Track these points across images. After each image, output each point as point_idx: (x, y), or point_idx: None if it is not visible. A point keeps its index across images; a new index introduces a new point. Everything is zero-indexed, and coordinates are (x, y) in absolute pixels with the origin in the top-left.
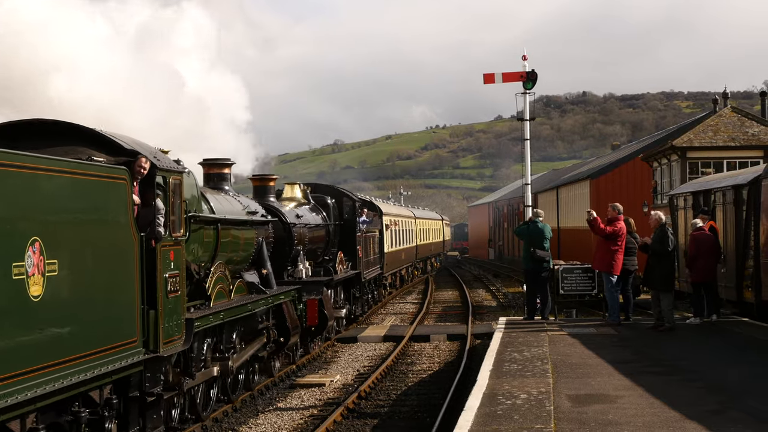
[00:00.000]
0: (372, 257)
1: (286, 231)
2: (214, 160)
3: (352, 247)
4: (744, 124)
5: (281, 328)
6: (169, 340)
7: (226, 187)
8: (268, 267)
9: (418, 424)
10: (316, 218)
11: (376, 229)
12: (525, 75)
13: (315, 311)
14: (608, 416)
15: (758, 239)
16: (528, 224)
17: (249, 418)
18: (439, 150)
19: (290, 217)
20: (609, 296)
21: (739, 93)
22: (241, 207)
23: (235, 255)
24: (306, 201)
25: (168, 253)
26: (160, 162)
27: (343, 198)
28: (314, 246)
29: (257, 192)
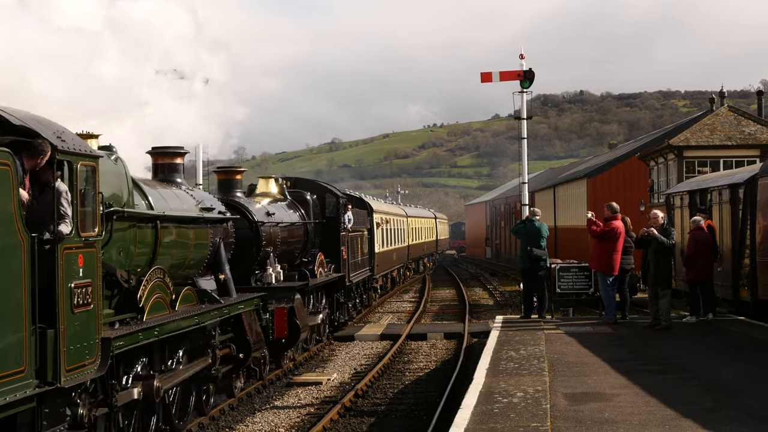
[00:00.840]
0: (360, 258)
1: (252, 230)
2: (163, 148)
3: (336, 248)
4: (740, 123)
5: (242, 343)
6: (75, 367)
7: (178, 179)
8: (226, 272)
9: (415, 423)
10: (293, 216)
11: (364, 228)
12: (522, 74)
13: (284, 321)
14: (604, 414)
15: (754, 238)
16: (525, 223)
17: (246, 416)
18: (437, 149)
19: (258, 214)
20: (605, 295)
21: (736, 92)
22: (193, 202)
23: (183, 258)
24: (282, 197)
25: (74, 257)
26: (65, 143)
27: (325, 194)
28: (289, 247)
29: (222, 186)
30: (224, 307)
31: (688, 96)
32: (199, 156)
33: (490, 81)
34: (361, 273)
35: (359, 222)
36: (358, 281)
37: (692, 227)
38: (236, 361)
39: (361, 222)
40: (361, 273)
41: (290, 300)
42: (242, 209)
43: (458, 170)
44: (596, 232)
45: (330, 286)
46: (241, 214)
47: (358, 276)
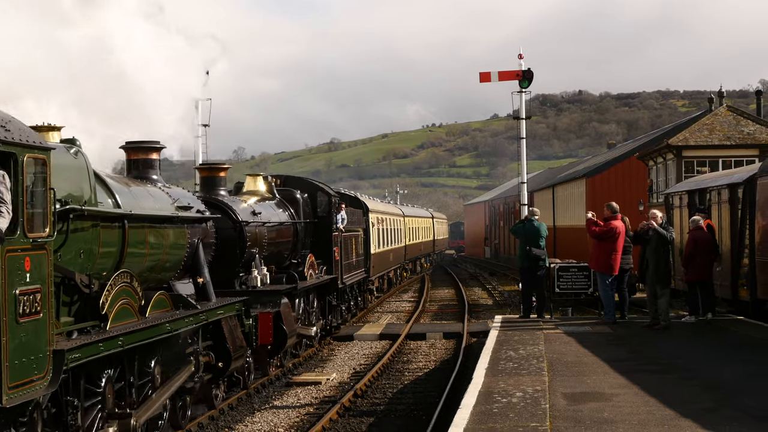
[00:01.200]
0: (354, 259)
1: (236, 230)
2: (138, 143)
3: (328, 249)
4: (739, 122)
5: (222, 351)
6: (21, 383)
7: (154, 176)
8: (205, 275)
9: (414, 422)
10: (281, 215)
11: (359, 228)
12: (521, 74)
13: (269, 327)
14: (603, 414)
15: (753, 238)
16: (524, 223)
17: (245, 416)
18: (436, 148)
19: (243, 213)
20: (604, 295)
21: (735, 92)
22: (169, 200)
23: (155, 261)
24: (270, 195)
25: (20, 260)
26: (9, 133)
27: (317, 192)
28: (277, 248)
29: (205, 184)
30: (201, 313)
31: (686, 96)
32: (199, 156)
33: (489, 81)
34: (355, 274)
35: (354, 222)
36: (353, 283)
37: (691, 227)
38: (215, 371)
39: (356, 222)
40: (356, 274)
41: (276, 304)
42: (225, 208)
43: (457, 170)
44: (596, 232)
45: (321, 289)
46: (223, 214)
47: (352, 278)
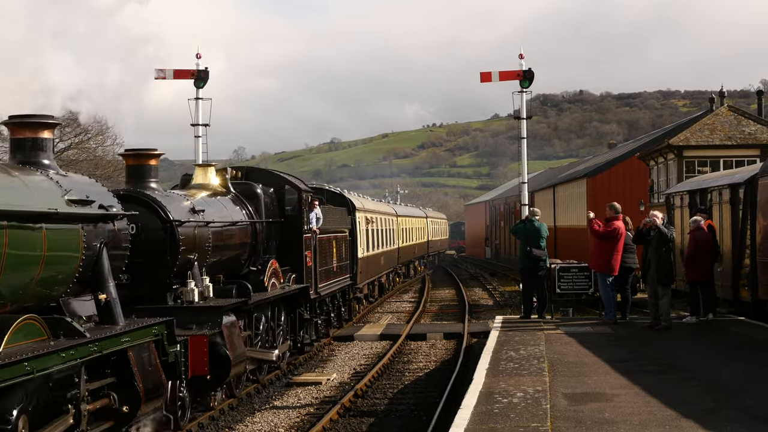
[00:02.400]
0: (335, 265)
1: (167, 231)
2: (21, 117)
3: (298, 253)
4: (740, 122)
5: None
6: None
7: (45, 161)
8: (110, 290)
9: (415, 423)
10: (236, 213)
11: (344, 229)
12: (522, 73)
13: (204, 354)
14: (604, 415)
15: (755, 238)
16: (524, 223)
17: (245, 416)
18: (436, 148)
19: (177, 211)
20: (605, 295)
21: (736, 92)
22: (59, 192)
23: (25, 272)
24: (224, 190)
25: None
26: None
27: (284, 187)
28: (229, 253)
29: (132, 174)
30: (88, 343)
31: (687, 96)
32: (199, 156)
33: (490, 81)
34: (335, 282)
35: (337, 221)
36: (333, 292)
37: (692, 227)
38: (119, 417)
39: (339, 221)
40: (337, 282)
41: (216, 324)
42: (152, 204)
43: (458, 170)
44: (599, 232)
45: (291, 301)
46: (150, 211)
47: (331, 286)
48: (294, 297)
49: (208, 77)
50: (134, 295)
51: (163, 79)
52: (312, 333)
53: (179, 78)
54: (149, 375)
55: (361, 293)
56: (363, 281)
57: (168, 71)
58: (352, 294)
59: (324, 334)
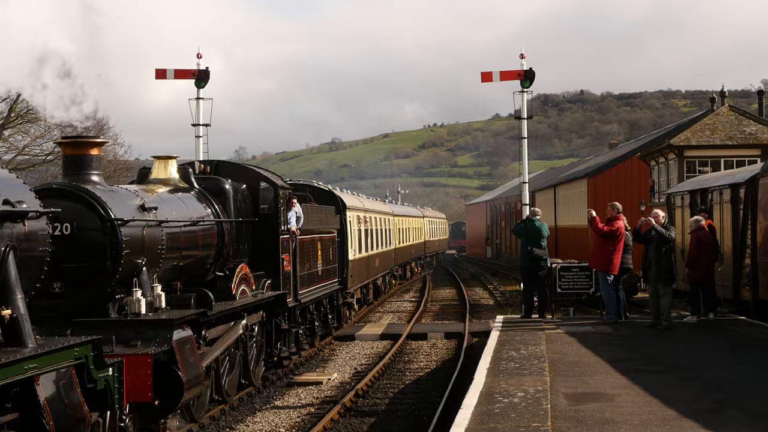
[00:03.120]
0: (320, 268)
1: (107, 232)
2: None
3: (274, 256)
4: (741, 122)
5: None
6: None
7: None
8: (17, 303)
9: (416, 423)
10: (201, 211)
11: (332, 229)
12: (523, 73)
13: (147, 377)
14: (605, 414)
15: (755, 238)
16: (525, 223)
17: (246, 416)
18: (437, 148)
19: (122, 208)
20: (606, 295)
21: (737, 92)
22: None
23: None
24: (186, 185)
25: None
26: None
27: (259, 183)
28: (189, 257)
29: (69, 166)
30: None
31: (688, 96)
32: (200, 156)
33: (491, 81)
34: (321, 287)
35: (323, 221)
36: (317, 298)
37: (693, 226)
38: None
39: (326, 221)
40: (322, 287)
41: (165, 340)
42: (89, 200)
43: (458, 170)
44: (603, 230)
45: (265, 310)
46: (88, 207)
47: (315, 292)
48: (270, 305)
49: (209, 77)
50: (71, 306)
51: (164, 79)
52: (292, 344)
53: (180, 78)
54: (65, 408)
55: (353, 298)
56: (354, 285)
57: (169, 71)
58: (342, 299)
59: (310, 344)
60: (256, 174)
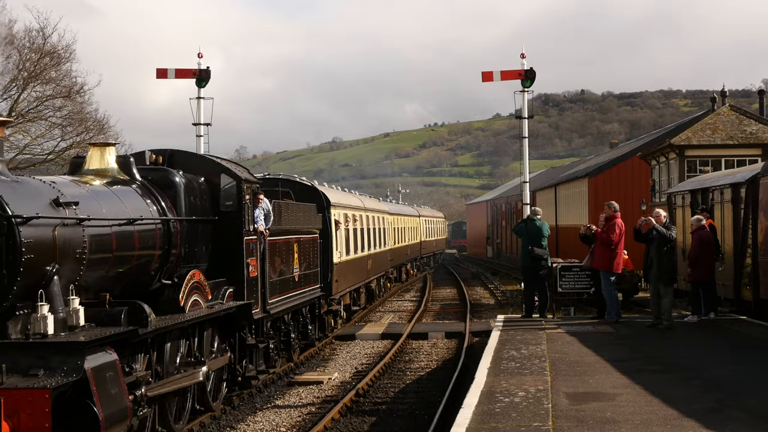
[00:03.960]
0: (298, 273)
1: (2, 233)
2: None
3: (236, 260)
4: (742, 122)
5: None
6: None
7: None
8: None
9: (416, 422)
10: (141, 208)
11: (313, 229)
12: (523, 73)
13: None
14: (606, 414)
15: (756, 237)
16: (526, 222)
17: (247, 416)
18: (438, 148)
19: (25, 202)
20: (607, 294)
21: (737, 91)
22: None
23: None
24: (126, 177)
25: None
26: None
27: (219, 175)
28: (126, 262)
29: None
30: None
31: (689, 95)
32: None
33: (492, 80)
34: (298, 295)
35: (301, 220)
36: (291, 308)
37: (695, 226)
38: None
39: (305, 219)
40: (300, 295)
41: (74, 369)
42: None
43: (459, 169)
44: (603, 235)
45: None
46: None
47: (288, 301)
48: (232, 318)
49: (210, 76)
50: None
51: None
52: (260, 361)
53: (181, 77)
54: None
55: (339, 304)
56: (341, 290)
57: (170, 70)
58: (326, 306)
59: (287, 358)
60: (216, 165)
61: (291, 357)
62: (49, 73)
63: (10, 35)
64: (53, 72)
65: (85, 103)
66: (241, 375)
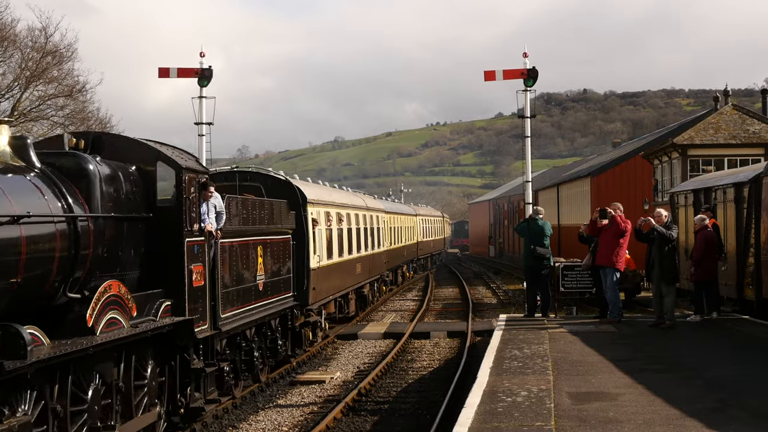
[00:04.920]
0: (262, 281)
1: None
2: None
3: (176, 267)
4: (745, 121)
5: None
6: None
7: None
8: None
9: (419, 421)
10: (36, 202)
11: (284, 229)
12: (526, 72)
13: None
14: (608, 414)
15: (759, 237)
16: (528, 222)
17: (249, 415)
18: (440, 147)
19: None
20: (611, 293)
21: (740, 90)
22: None
23: None
24: (22, 165)
25: None
26: None
27: (155, 163)
28: (11, 271)
29: None
30: None
31: (691, 94)
32: (203, 154)
33: (494, 79)
34: (262, 307)
35: (269, 218)
36: (250, 323)
37: (698, 225)
38: None
39: (276, 218)
40: (265, 306)
41: None
42: None
43: (461, 169)
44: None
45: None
46: None
47: (248, 314)
48: (172, 337)
49: (212, 76)
50: None
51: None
52: (211, 388)
53: (183, 76)
54: None
55: (319, 314)
56: (320, 299)
57: (172, 69)
58: (302, 318)
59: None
60: (151, 152)
61: (258, 377)
62: (51, 72)
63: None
64: (55, 71)
65: (87, 102)
66: (185, 406)
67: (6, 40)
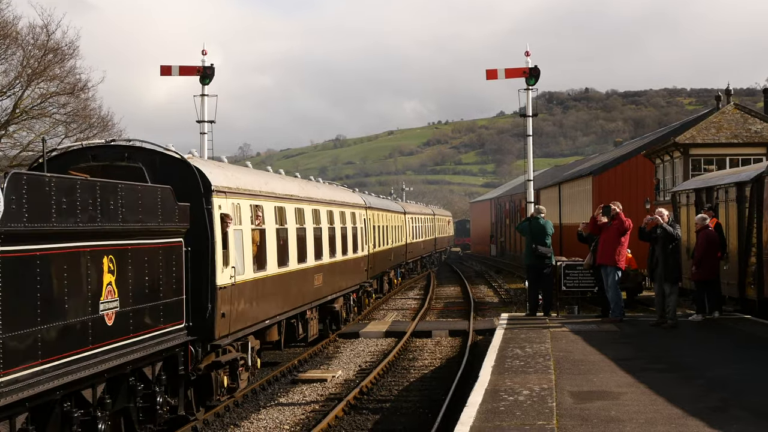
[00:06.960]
0: (113, 311)
1: None
2: None
3: None
4: (747, 121)
5: None
6: None
7: None
8: None
9: (420, 420)
10: None
11: (169, 229)
12: (528, 71)
13: None
14: (610, 413)
15: (761, 236)
16: (530, 220)
17: (251, 413)
18: (441, 146)
19: None
20: (612, 292)
21: (742, 90)
22: None
23: None
24: None
25: None
26: None
27: None
28: None
29: None
30: None
31: (693, 94)
32: (204, 152)
33: (496, 78)
34: (112, 352)
35: (135, 213)
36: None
37: (700, 224)
38: None
39: (148, 214)
40: (118, 351)
41: None
42: None
43: (463, 167)
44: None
45: None
46: None
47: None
48: None
49: (214, 74)
50: None
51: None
52: None
53: (185, 74)
54: None
55: (239, 351)
56: (239, 328)
57: (174, 68)
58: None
59: None
60: None
61: None
62: (53, 69)
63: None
64: (57, 69)
65: (89, 100)
66: None
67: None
